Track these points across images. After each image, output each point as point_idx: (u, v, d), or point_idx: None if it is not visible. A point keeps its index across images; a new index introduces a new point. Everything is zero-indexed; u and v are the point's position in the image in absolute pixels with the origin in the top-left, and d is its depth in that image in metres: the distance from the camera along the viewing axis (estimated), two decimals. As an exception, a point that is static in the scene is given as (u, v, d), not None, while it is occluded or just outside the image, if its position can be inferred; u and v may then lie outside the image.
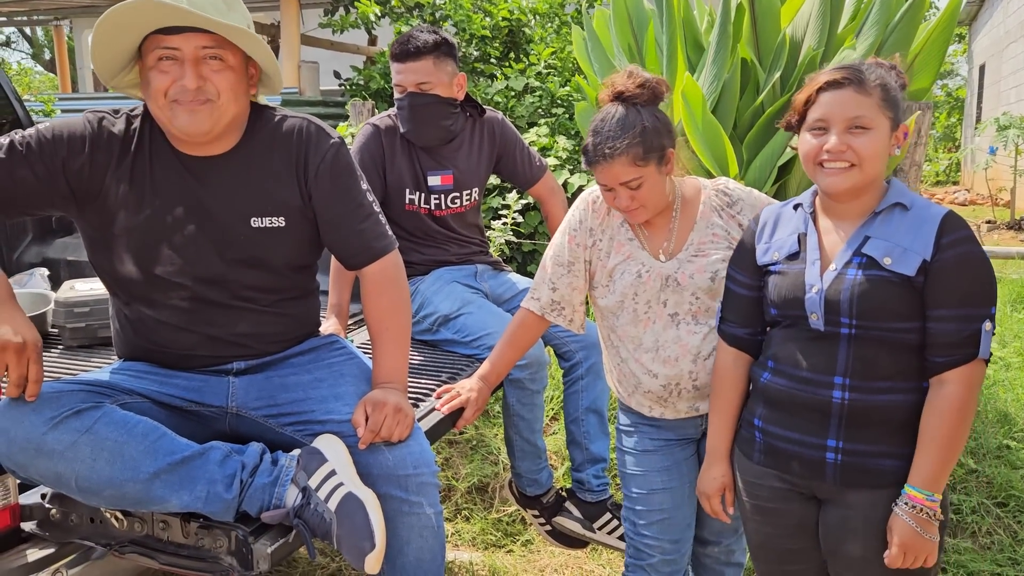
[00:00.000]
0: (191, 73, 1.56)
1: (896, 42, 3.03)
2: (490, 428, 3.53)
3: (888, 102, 1.48)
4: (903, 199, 1.51)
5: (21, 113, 3.68)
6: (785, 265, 1.59)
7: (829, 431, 1.52)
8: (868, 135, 1.47)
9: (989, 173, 10.76)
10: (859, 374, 1.49)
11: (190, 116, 1.59)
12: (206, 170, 1.69)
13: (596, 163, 1.76)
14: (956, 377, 1.45)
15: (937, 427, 1.45)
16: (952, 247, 1.44)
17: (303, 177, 1.74)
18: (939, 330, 1.45)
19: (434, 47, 2.47)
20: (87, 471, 1.47)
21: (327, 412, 1.70)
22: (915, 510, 1.46)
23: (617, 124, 1.73)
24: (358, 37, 9.13)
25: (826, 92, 1.50)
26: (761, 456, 1.63)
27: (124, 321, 1.79)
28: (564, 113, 5.78)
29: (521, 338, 2.08)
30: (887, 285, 1.46)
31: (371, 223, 1.79)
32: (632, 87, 1.76)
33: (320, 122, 1.79)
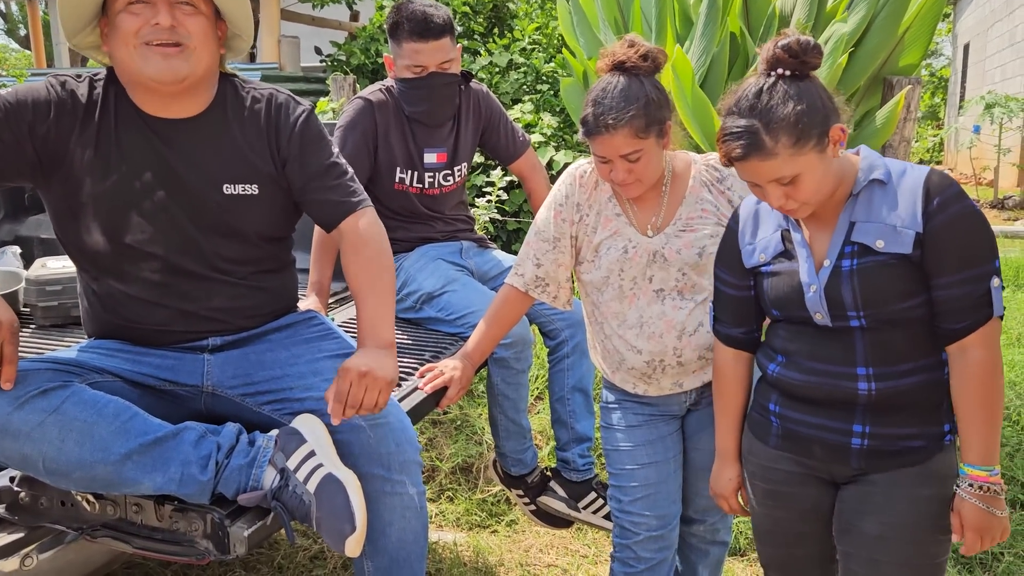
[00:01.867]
0: (165, 11, 1.52)
1: (887, 16, 2.99)
2: (474, 408, 3.50)
3: (801, 138, 1.35)
4: (878, 174, 1.43)
5: (-9, 86, 3.57)
6: (776, 265, 1.53)
7: (855, 417, 1.47)
8: (798, 184, 1.38)
9: (973, 152, 10.80)
10: (881, 361, 1.44)
11: (164, 61, 1.54)
12: (173, 133, 1.64)
13: (596, 134, 1.70)
14: (977, 340, 1.39)
15: (974, 397, 1.39)
16: (940, 211, 1.37)
17: (275, 145, 1.70)
18: (948, 297, 1.38)
19: (450, 24, 2.40)
20: (55, 453, 1.42)
21: (306, 389, 1.65)
22: (981, 490, 1.39)
23: (620, 95, 1.68)
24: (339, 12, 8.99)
25: (736, 163, 1.40)
26: (778, 440, 1.57)
27: (93, 297, 1.73)
28: (549, 90, 5.72)
29: (505, 315, 2.04)
30: (886, 269, 1.40)
31: (345, 180, 1.75)
32: (635, 57, 1.71)
33: (288, 92, 1.77)
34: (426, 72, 2.41)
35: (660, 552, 1.93)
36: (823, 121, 1.37)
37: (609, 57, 1.73)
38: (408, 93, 2.45)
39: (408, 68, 2.41)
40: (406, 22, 2.36)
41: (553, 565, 2.71)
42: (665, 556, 1.95)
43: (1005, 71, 11.86)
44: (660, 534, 1.92)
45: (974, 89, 13.60)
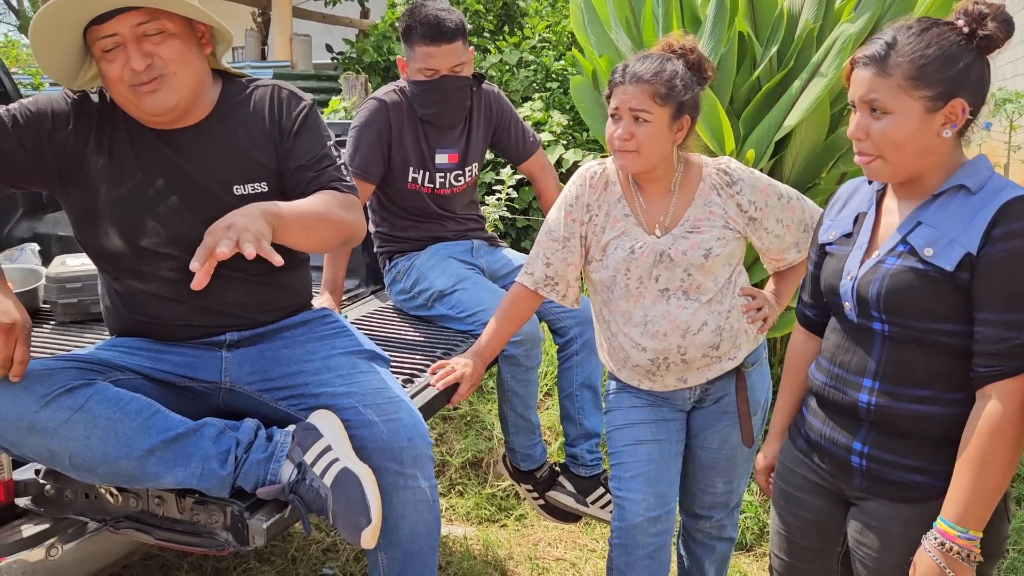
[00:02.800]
0: (135, 53, 1.54)
1: (894, 15, 3.00)
2: (484, 404, 3.54)
3: (919, 80, 1.28)
4: (970, 180, 1.31)
5: (9, 86, 3.62)
6: (838, 247, 1.47)
7: (858, 433, 1.41)
8: (886, 121, 1.30)
9: (983, 149, 10.75)
10: (891, 378, 1.35)
11: (151, 97, 1.57)
12: (182, 141, 1.68)
13: (618, 83, 1.79)
14: (1000, 392, 1.25)
15: (975, 449, 1.26)
16: (1005, 239, 1.23)
17: (278, 138, 1.74)
18: (982, 335, 1.26)
19: (462, 27, 2.43)
20: (80, 448, 1.47)
21: (320, 384, 1.70)
22: (945, 548, 1.27)
23: (657, 62, 1.78)
24: (351, 10, 9.03)
25: (855, 70, 1.35)
26: (803, 443, 1.55)
27: (115, 296, 1.78)
28: (559, 88, 5.74)
29: (515, 313, 2.08)
30: (923, 279, 1.29)
31: (332, 168, 1.76)
32: (687, 45, 1.82)
33: (290, 86, 1.81)
34: (438, 75, 2.44)
35: (658, 537, 1.93)
36: (949, 86, 1.28)
37: (664, 41, 1.84)
38: (420, 96, 2.49)
39: (421, 71, 2.44)
40: (419, 26, 2.39)
41: (562, 559, 2.75)
42: (664, 541, 1.95)
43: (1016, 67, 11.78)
44: (658, 515, 1.92)
45: (986, 85, 13.51)
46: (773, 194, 1.88)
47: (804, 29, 3.03)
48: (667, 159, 1.84)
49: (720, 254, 1.83)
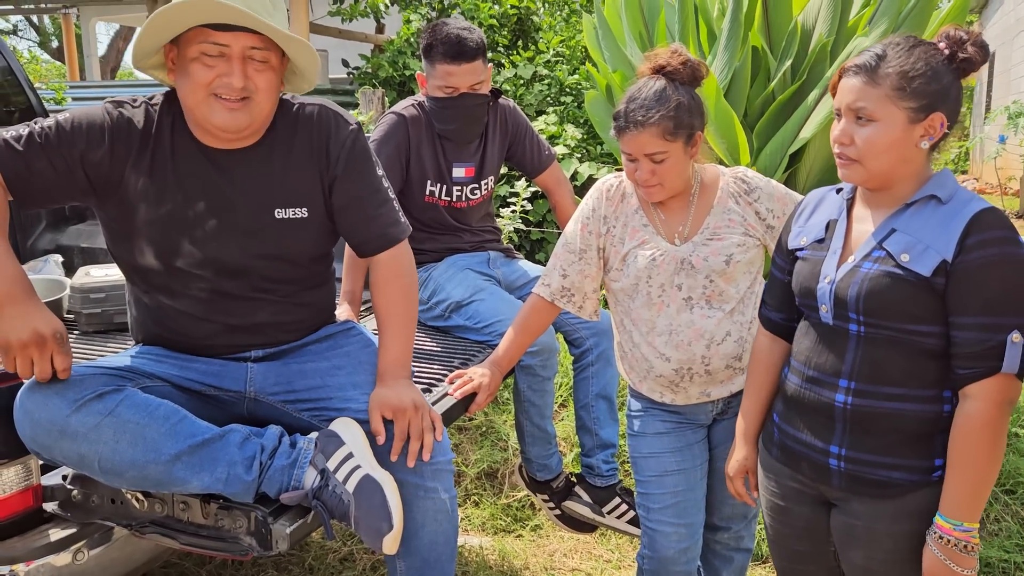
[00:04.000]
0: (239, 71, 1.57)
1: (908, 29, 3.02)
2: (500, 414, 3.56)
3: (905, 91, 1.36)
4: (940, 191, 1.40)
5: (34, 101, 3.69)
6: (810, 252, 1.53)
7: (834, 436, 1.46)
8: (870, 128, 1.38)
9: (998, 162, 10.70)
10: (866, 377, 1.42)
11: (229, 114, 1.59)
12: (231, 163, 1.69)
13: (625, 130, 1.77)
14: (978, 392, 1.34)
15: (962, 448, 1.35)
16: (978, 248, 1.32)
17: (324, 164, 1.74)
18: (961, 339, 1.34)
19: (483, 46, 2.47)
20: (110, 453, 1.50)
21: (345, 400, 1.72)
22: (944, 542, 1.36)
23: (654, 95, 1.75)
24: (366, 25, 9.11)
25: (843, 79, 1.44)
26: (778, 452, 1.59)
27: (142, 308, 1.81)
28: (573, 102, 5.78)
29: (532, 324, 2.10)
30: (901, 283, 1.37)
31: (387, 209, 1.80)
32: (675, 63, 1.78)
33: (337, 107, 1.80)
34: (458, 93, 2.47)
35: (688, 564, 1.98)
36: (932, 100, 1.37)
37: (651, 60, 1.81)
38: (439, 112, 2.52)
39: (440, 88, 2.48)
40: (440, 44, 2.43)
41: (577, 569, 2.75)
42: (692, 567, 1.99)
43: (1032, 80, 11.75)
44: (688, 545, 1.96)
45: (1000, 99, 13.47)
46: (790, 203, 1.89)
47: (818, 43, 3.05)
48: (687, 178, 1.87)
49: (741, 260, 1.85)
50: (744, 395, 1.74)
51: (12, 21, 23.13)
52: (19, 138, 1.58)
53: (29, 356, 1.47)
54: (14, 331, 1.45)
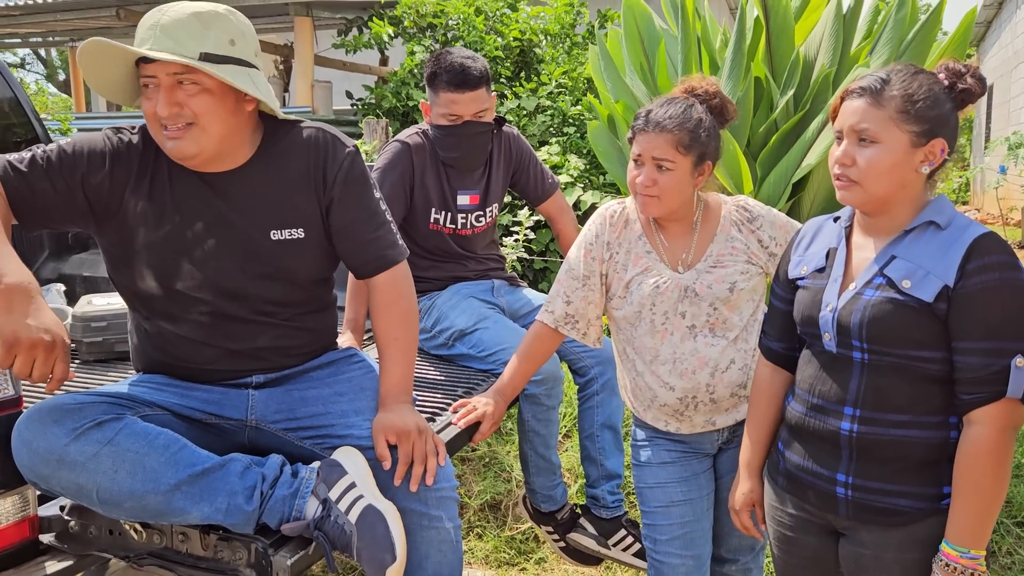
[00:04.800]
0: (163, 99, 1.56)
1: (909, 61, 3.04)
2: (503, 445, 3.52)
3: (909, 115, 1.37)
4: (938, 217, 1.40)
5: (40, 131, 3.72)
6: (811, 280, 1.53)
7: (840, 464, 1.45)
8: (872, 149, 1.38)
9: (999, 192, 10.73)
10: (871, 405, 1.41)
11: (173, 143, 1.59)
12: (226, 184, 1.69)
13: (641, 130, 1.79)
14: (983, 418, 1.33)
15: (968, 474, 1.34)
16: (979, 273, 1.32)
17: (321, 186, 1.74)
18: (964, 364, 1.34)
19: (486, 75, 2.48)
20: (108, 483, 1.48)
21: (347, 427, 1.70)
22: (950, 569, 1.34)
23: (680, 108, 1.78)
24: (370, 57, 9.21)
25: (845, 101, 1.44)
26: (784, 481, 1.57)
27: (143, 335, 1.80)
28: (575, 132, 5.81)
29: (536, 351, 2.08)
30: (904, 310, 1.36)
31: (384, 231, 1.80)
32: (709, 89, 1.83)
33: (335, 130, 1.80)
34: (461, 121, 2.48)
35: None
36: (933, 125, 1.38)
37: (685, 83, 1.85)
38: (443, 140, 2.53)
39: (444, 116, 2.49)
40: (444, 73, 2.44)
41: (582, 604, 2.71)
42: None
43: (1031, 112, 11.82)
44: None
45: (999, 130, 13.56)
46: (791, 230, 1.89)
47: (820, 73, 3.07)
48: (688, 202, 1.86)
49: (744, 288, 1.84)
50: (746, 426, 1.72)
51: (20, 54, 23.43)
52: (22, 160, 1.60)
53: (33, 356, 1.38)
54: (24, 328, 1.36)
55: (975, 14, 3.10)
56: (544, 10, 7.13)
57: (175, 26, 1.55)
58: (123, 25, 9.19)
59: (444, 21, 7.02)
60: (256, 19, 9.37)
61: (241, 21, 1.65)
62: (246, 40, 1.64)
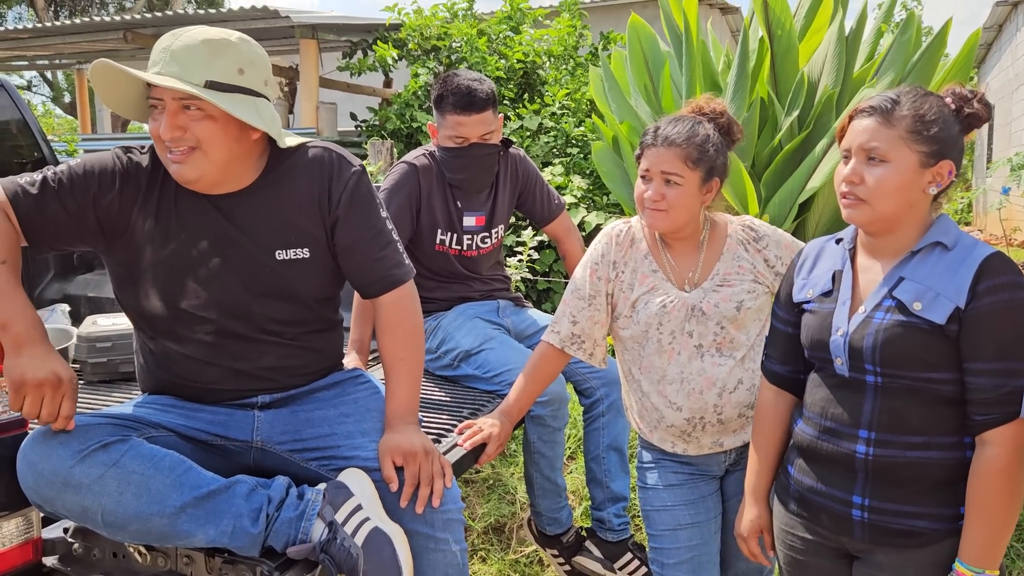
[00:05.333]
0: (166, 123, 1.57)
1: (914, 81, 3.05)
2: (507, 467, 3.50)
3: (919, 135, 1.38)
4: (945, 238, 1.40)
5: (47, 152, 3.74)
6: (817, 304, 1.52)
7: (855, 486, 1.43)
8: (882, 168, 1.39)
9: (1002, 213, 10.74)
10: (886, 427, 1.40)
11: (177, 166, 1.60)
12: (232, 204, 1.70)
13: (650, 145, 1.80)
14: (996, 438, 1.33)
15: (981, 494, 1.34)
16: (989, 294, 1.32)
17: (326, 206, 1.74)
18: (976, 385, 1.34)
19: (493, 97, 2.49)
20: (113, 505, 1.47)
21: (353, 448, 1.69)
22: None
23: (688, 125, 1.80)
24: (374, 80, 9.28)
25: (854, 120, 1.45)
26: (795, 505, 1.56)
27: (149, 355, 1.79)
28: (579, 153, 5.84)
29: (542, 372, 2.07)
30: (916, 332, 1.36)
31: (390, 251, 1.80)
32: (717, 108, 1.84)
33: (341, 150, 1.81)
34: (468, 143, 2.49)
35: None
36: (942, 146, 1.39)
37: (691, 103, 1.87)
38: (450, 161, 2.53)
39: (451, 138, 2.49)
40: (451, 95, 2.45)
41: (588, 628, 2.67)
42: None
43: (1033, 133, 11.85)
44: None
45: (1001, 150, 13.60)
46: (796, 250, 1.89)
47: (824, 94, 3.08)
48: (695, 219, 1.86)
49: (751, 307, 1.84)
50: (751, 451, 1.71)
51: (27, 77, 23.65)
52: (33, 183, 1.60)
53: (41, 396, 1.46)
54: (31, 370, 1.46)
55: (979, 36, 3.11)
56: (548, 32, 7.19)
57: (184, 52, 1.56)
58: (130, 48, 9.27)
59: (448, 43, 7.07)
60: (262, 41, 9.45)
61: (252, 50, 1.65)
62: (255, 69, 1.64)
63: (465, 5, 7.42)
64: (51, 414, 1.47)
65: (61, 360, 1.51)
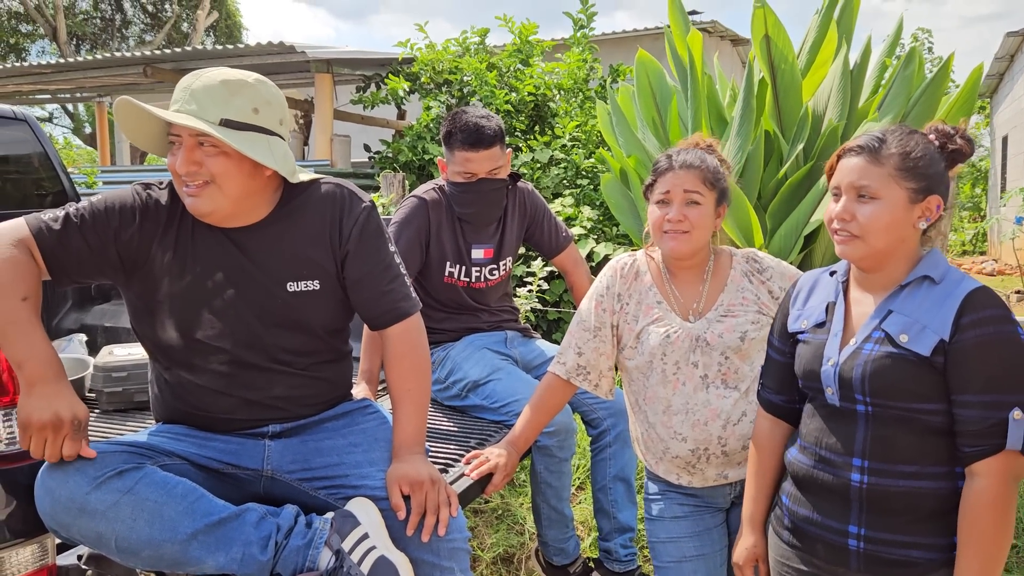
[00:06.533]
0: (183, 158, 1.63)
1: (919, 115, 3.09)
2: (516, 497, 3.51)
3: (907, 172, 1.42)
4: (933, 272, 1.44)
5: (67, 185, 3.82)
6: (811, 335, 1.55)
7: (850, 516, 1.45)
8: (872, 205, 1.43)
9: (1016, 243, 10.70)
10: (878, 456, 1.42)
11: (192, 199, 1.65)
12: (246, 237, 1.75)
13: (666, 170, 1.86)
14: (985, 470, 1.35)
15: (972, 525, 1.35)
16: (973, 327, 1.35)
17: (337, 240, 1.79)
18: (964, 417, 1.36)
19: (501, 133, 2.55)
20: (127, 531, 1.50)
21: (361, 477, 1.72)
22: None
23: (698, 152, 1.88)
24: (388, 112, 9.41)
25: (843, 159, 1.49)
26: (790, 535, 1.57)
27: (164, 385, 1.84)
28: (589, 184, 5.89)
29: (548, 402, 2.10)
30: (903, 364, 1.39)
31: (398, 284, 1.84)
32: (712, 144, 1.94)
33: (353, 186, 1.86)
34: (476, 178, 2.54)
35: None
36: (930, 183, 1.43)
37: (693, 138, 1.96)
38: (459, 196, 2.59)
39: (460, 174, 2.55)
40: (459, 132, 2.50)
41: (596, 660, 2.66)
42: None
43: (1044, 163, 11.83)
44: None
45: (1014, 180, 13.57)
46: None
47: (828, 127, 3.12)
48: (705, 246, 1.91)
49: (755, 338, 1.86)
50: (748, 480, 1.73)
51: (48, 109, 24.10)
52: (56, 219, 1.66)
53: (44, 437, 1.50)
54: (36, 411, 1.49)
55: (982, 70, 3.15)
56: (558, 66, 7.29)
57: (203, 92, 1.63)
58: (149, 82, 9.45)
59: (459, 77, 7.18)
60: (279, 75, 9.62)
61: (268, 90, 1.71)
62: (271, 108, 1.70)
63: (477, 39, 7.55)
64: (53, 455, 1.51)
65: (68, 399, 1.53)
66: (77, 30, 22.81)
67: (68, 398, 1.53)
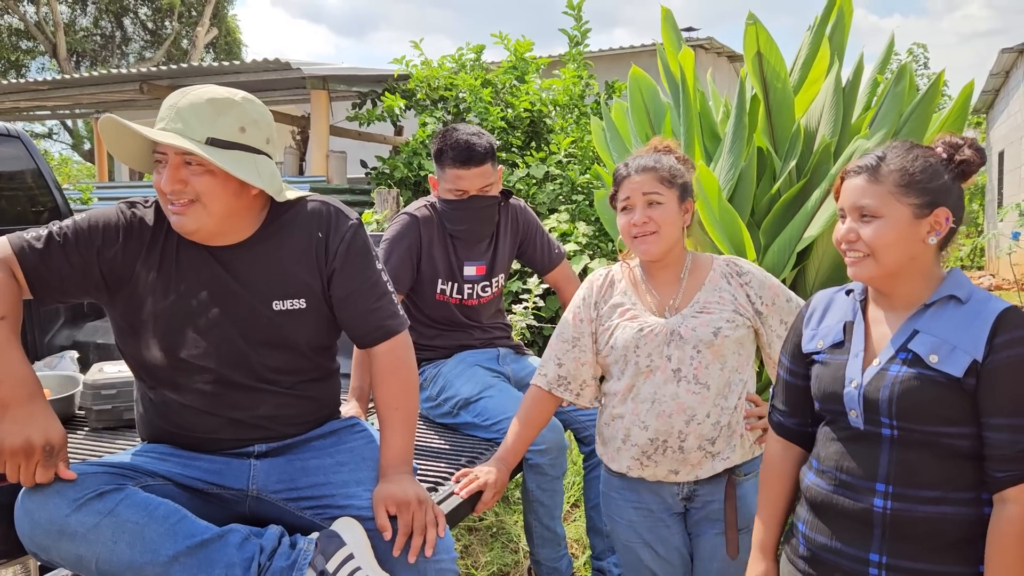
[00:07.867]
0: (168, 176, 1.62)
1: (910, 131, 3.09)
2: (511, 514, 3.48)
3: (907, 188, 1.40)
4: (959, 291, 1.40)
5: (60, 201, 3.83)
6: (828, 355, 1.50)
7: (872, 543, 1.39)
8: (876, 224, 1.41)
9: (1014, 258, 10.72)
10: (902, 481, 1.37)
11: (177, 217, 1.65)
12: (231, 256, 1.74)
13: (624, 178, 1.91)
14: (1015, 496, 1.30)
15: (1001, 554, 1.30)
16: (1008, 347, 1.30)
17: (323, 258, 1.78)
18: (994, 440, 1.31)
19: (491, 150, 2.55)
20: (108, 554, 1.48)
21: (348, 497, 1.70)
22: None
23: (651, 156, 1.93)
24: (384, 128, 9.44)
25: (846, 180, 1.48)
26: (805, 564, 1.50)
27: (148, 404, 1.82)
28: (584, 200, 5.90)
29: (534, 416, 2.09)
30: (932, 385, 1.34)
31: (385, 302, 1.83)
32: (671, 145, 1.99)
33: (339, 204, 1.85)
34: (467, 195, 2.54)
35: None
36: (934, 196, 1.40)
37: (650, 144, 2.01)
38: (450, 213, 2.58)
39: (451, 191, 2.55)
40: (450, 149, 2.50)
41: None
42: None
43: (1041, 178, 11.88)
44: None
45: (1011, 195, 13.62)
46: (782, 295, 1.94)
47: (821, 144, 3.12)
48: (679, 243, 1.94)
49: (729, 336, 1.87)
50: (759, 505, 1.69)
51: (48, 125, 24.20)
52: (39, 238, 1.65)
53: (17, 464, 1.49)
54: (8, 436, 1.48)
55: (972, 87, 3.15)
56: (553, 82, 7.32)
57: (189, 110, 1.62)
58: (146, 98, 9.49)
59: (455, 93, 7.21)
60: (275, 92, 9.66)
61: (255, 109, 1.70)
62: (258, 127, 1.69)
63: (473, 56, 7.58)
64: (27, 481, 1.50)
65: (42, 422, 1.51)
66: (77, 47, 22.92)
67: (42, 422, 1.51)
